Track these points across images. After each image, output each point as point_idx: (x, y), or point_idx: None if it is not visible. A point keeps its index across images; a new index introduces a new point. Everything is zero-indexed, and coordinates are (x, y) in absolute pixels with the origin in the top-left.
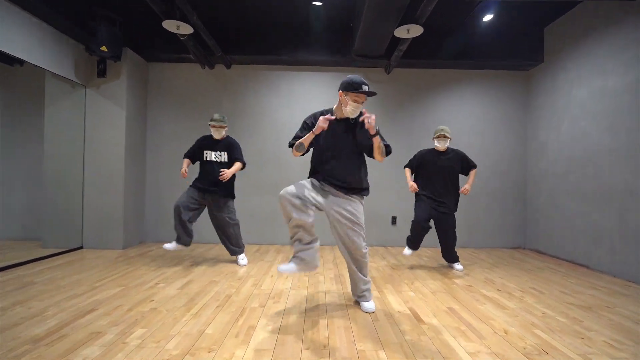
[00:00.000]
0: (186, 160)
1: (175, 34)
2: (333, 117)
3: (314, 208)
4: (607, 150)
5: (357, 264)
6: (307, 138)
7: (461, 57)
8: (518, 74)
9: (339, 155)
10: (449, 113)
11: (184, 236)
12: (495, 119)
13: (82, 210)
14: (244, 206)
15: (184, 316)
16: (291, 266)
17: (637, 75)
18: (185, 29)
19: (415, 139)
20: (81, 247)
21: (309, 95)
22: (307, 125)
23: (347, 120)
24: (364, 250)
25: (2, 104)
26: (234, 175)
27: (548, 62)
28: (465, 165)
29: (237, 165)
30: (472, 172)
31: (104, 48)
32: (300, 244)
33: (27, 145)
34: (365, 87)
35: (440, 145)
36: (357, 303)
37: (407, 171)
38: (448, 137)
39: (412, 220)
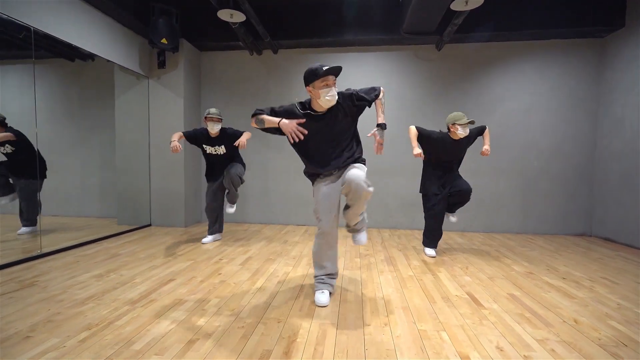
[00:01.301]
0: (178, 134)
1: (225, 22)
2: (303, 120)
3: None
4: None
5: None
6: (270, 123)
7: (522, 26)
8: (591, 42)
9: (334, 151)
10: (505, 90)
11: (215, 227)
12: (561, 95)
13: (149, 191)
14: (289, 189)
15: (250, 289)
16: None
17: None
18: (238, 17)
19: (469, 116)
20: (149, 225)
21: (356, 76)
22: (277, 111)
23: (328, 112)
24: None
25: (78, 96)
26: (237, 150)
27: (631, 26)
28: (473, 138)
29: (248, 133)
30: (486, 132)
31: (164, 40)
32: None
33: (101, 133)
34: (324, 68)
35: (464, 133)
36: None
37: (413, 132)
38: (473, 122)
39: (426, 216)
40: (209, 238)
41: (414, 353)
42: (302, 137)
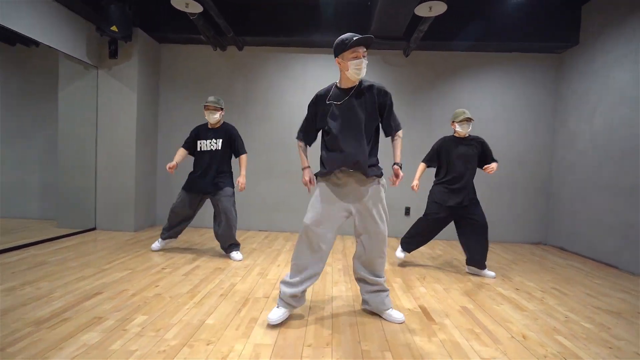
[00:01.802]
0: (180, 151)
1: (186, 14)
2: (312, 182)
3: (336, 232)
4: None
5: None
6: (301, 160)
7: (487, 38)
8: (549, 57)
9: (349, 136)
10: (471, 99)
11: (171, 233)
12: (521, 107)
13: (95, 191)
14: (252, 192)
15: (187, 304)
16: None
17: None
18: (195, 7)
19: (434, 126)
20: (94, 229)
21: (323, 78)
22: (310, 112)
23: (353, 90)
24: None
25: (19, 84)
26: (229, 166)
27: (584, 43)
28: (483, 157)
29: (244, 162)
30: (495, 164)
31: (114, 28)
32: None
33: (43, 126)
34: (355, 38)
35: (463, 130)
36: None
37: (421, 166)
38: (472, 120)
39: (420, 221)
40: (158, 244)
41: None
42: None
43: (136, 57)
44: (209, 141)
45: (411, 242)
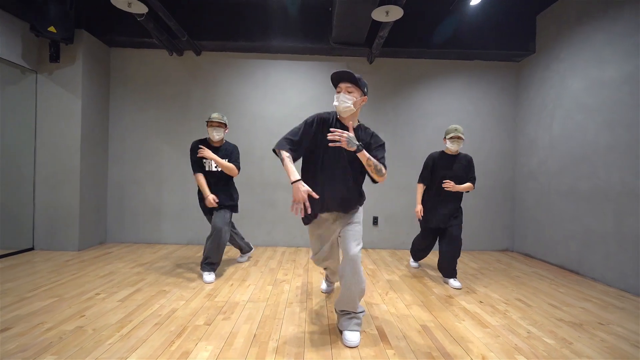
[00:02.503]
0: (200, 177)
1: (134, 15)
2: (316, 197)
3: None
4: (603, 147)
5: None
6: (289, 173)
7: (448, 46)
8: (508, 65)
9: (333, 174)
10: (435, 106)
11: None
12: (483, 114)
13: (33, 207)
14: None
15: (111, 337)
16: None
17: (637, 64)
18: (139, 8)
19: (399, 133)
20: (32, 249)
21: (285, 84)
22: (306, 126)
23: (345, 127)
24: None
25: None
26: (233, 187)
27: (540, 52)
28: (466, 175)
29: (230, 167)
30: (468, 185)
31: (52, 29)
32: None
33: None
34: (347, 75)
35: (453, 147)
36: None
37: (420, 188)
38: (462, 139)
39: (418, 237)
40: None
41: None
42: (303, 214)
43: (81, 60)
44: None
45: (417, 255)
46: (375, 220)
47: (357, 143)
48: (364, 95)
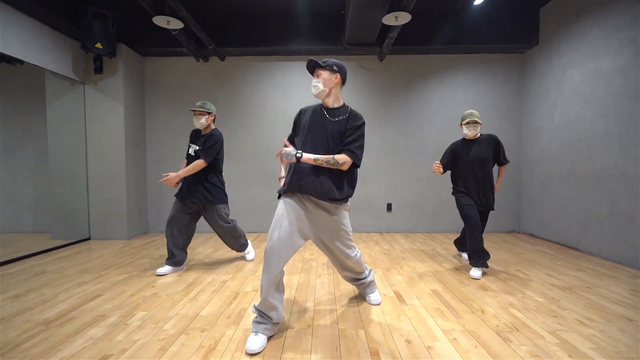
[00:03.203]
0: (184, 162)
1: (169, 30)
2: (287, 148)
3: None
4: (599, 134)
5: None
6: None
7: (454, 42)
8: (513, 57)
9: (313, 151)
10: (442, 99)
11: (177, 254)
12: (490, 104)
13: (87, 203)
14: (242, 196)
15: (182, 300)
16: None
17: (630, 57)
18: (176, 24)
19: (410, 125)
20: (88, 239)
21: (304, 85)
22: (295, 122)
23: (328, 111)
24: (355, 256)
25: (5, 101)
26: (204, 177)
27: (543, 44)
28: (497, 155)
29: (192, 166)
30: (503, 169)
31: (98, 45)
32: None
33: (32, 141)
34: (311, 63)
35: (470, 132)
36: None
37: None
38: (479, 123)
39: (465, 223)
40: (164, 269)
41: (328, 351)
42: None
43: (121, 71)
44: (194, 146)
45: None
46: (389, 207)
47: (294, 153)
48: (335, 72)
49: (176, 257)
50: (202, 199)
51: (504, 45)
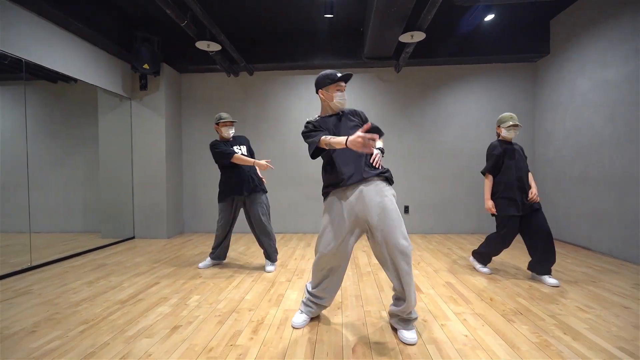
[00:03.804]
0: (238, 154)
1: (207, 51)
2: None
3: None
4: (608, 139)
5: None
6: (337, 144)
7: (467, 53)
8: (525, 65)
9: (358, 156)
10: (458, 106)
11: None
12: (503, 110)
13: (132, 205)
14: (269, 198)
15: (227, 287)
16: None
17: (635, 66)
18: (215, 47)
19: (426, 132)
20: (133, 237)
21: None
22: (313, 127)
23: (337, 115)
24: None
25: (61, 116)
26: (252, 170)
27: (554, 53)
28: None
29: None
30: (530, 176)
31: (146, 66)
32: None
33: (84, 151)
34: (338, 74)
35: (507, 135)
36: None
37: (488, 180)
38: (520, 126)
39: (496, 240)
40: (206, 262)
41: (356, 328)
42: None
43: (163, 87)
44: (237, 147)
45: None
46: (406, 209)
47: (378, 147)
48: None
49: (220, 252)
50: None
51: (516, 55)
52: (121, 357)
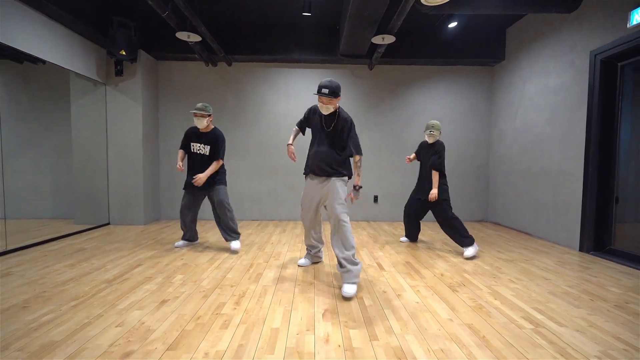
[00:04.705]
0: (180, 152)
1: (187, 41)
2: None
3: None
4: (547, 138)
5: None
6: (290, 137)
7: (434, 55)
8: (484, 69)
9: (319, 145)
10: (424, 105)
11: (191, 235)
12: (464, 110)
13: (107, 192)
14: (246, 188)
15: (209, 268)
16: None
17: (571, 76)
18: (195, 38)
19: (395, 126)
20: (108, 224)
21: (302, 89)
22: (305, 116)
23: (325, 116)
24: (343, 218)
25: (28, 98)
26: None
27: (509, 59)
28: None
29: (213, 166)
30: (433, 173)
31: (122, 52)
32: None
33: (54, 136)
34: (324, 90)
35: (428, 139)
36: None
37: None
38: (432, 134)
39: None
40: (181, 242)
41: (327, 300)
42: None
43: (139, 74)
44: (199, 145)
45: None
46: (375, 199)
47: (357, 190)
48: (338, 97)
49: (190, 234)
50: (218, 181)
51: (476, 59)
52: (116, 325)
